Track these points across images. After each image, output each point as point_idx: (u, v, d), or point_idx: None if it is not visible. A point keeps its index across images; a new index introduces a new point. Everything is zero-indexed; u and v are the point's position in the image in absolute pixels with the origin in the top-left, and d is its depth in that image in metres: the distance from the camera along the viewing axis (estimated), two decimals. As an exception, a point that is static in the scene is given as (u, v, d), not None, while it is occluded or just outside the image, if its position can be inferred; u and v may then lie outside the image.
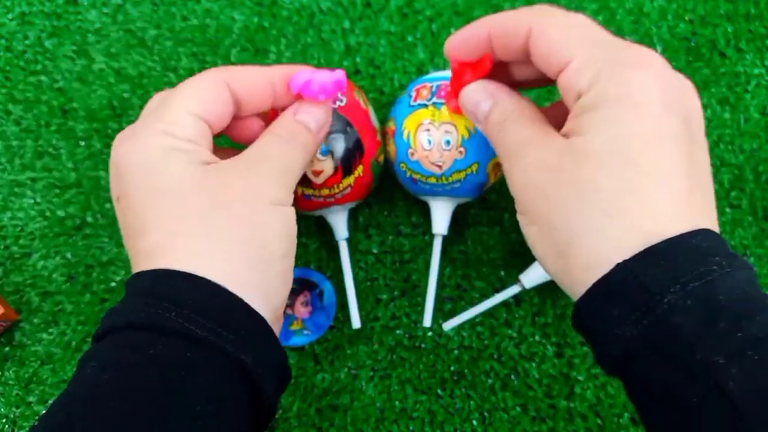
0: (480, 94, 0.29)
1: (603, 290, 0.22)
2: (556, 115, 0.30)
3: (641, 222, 0.22)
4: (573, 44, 0.24)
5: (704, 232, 0.22)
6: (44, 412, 0.23)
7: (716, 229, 0.23)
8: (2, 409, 0.39)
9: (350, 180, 0.35)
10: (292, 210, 0.28)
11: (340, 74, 0.30)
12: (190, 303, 0.24)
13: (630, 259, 0.22)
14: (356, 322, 0.38)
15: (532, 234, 0.26)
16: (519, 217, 0.27)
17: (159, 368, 0.23)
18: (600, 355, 0.24)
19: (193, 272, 0.25)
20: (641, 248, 0.22)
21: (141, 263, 0.26)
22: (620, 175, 0.22)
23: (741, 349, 0.20)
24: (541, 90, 0.43)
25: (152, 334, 0.23)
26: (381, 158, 0.37)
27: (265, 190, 0.27)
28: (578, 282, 0.24)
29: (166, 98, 0.28)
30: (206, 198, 0.26)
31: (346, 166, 0.34)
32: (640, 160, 0.22)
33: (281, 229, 0.27)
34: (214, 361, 0.24)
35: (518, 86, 0.31)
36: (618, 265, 0.22)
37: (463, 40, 0.28)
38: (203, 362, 0.23)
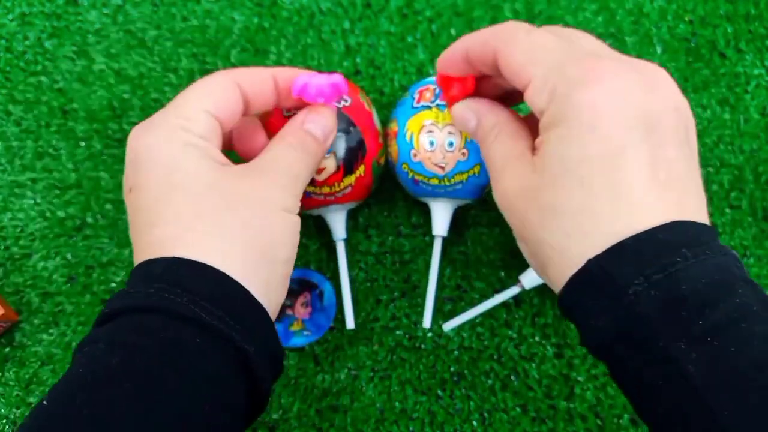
0: (466, 112, 0.30)
1: (577, 284, 0.24)
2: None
3: (602, 240, 0.23)
4: (531, 66, 0.25)
5: (674, 225, 0.23)
6: (48, 393, 0.23)
7: (698, 217, 0.23)
8: (2, 410, 0.39)
9: (351, 179, 0.35)
10: (298, 219, 0.29)
11: (337, 78, 0.31)
12: (201, 291, 0.25)
13: (601, 254, 0.23)
14: (350, 323, 0.38)
15: (521, 248, 0.28)
16: (513, 231, 0.28)
17: (169, 352, 0.23)
18: (584, 344, 0.25)
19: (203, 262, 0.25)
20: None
21: (150, 252, 0.26)
22: (575, 197, 0.23)
23: (702, 336, 0.21)
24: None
25: (163, 319, 0.24)
26: (382, 160, 0.37)
27: (276, 196, 0.28)
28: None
29: (182, 96, 0.29)
30: (220, 197, 0.27)
31: (347, 165, 0.34)
32: (594, 181, 0.23)
33: (287, 235, 0.29)
34: (219, 349, 0.24)
35: (511, 97, 0.32)
36: (589, 260, 0.23)
37: (448, 61, 0.30)
38: (211, 349, 0.24)
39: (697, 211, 0.24)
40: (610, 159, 0.23)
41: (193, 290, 0.25)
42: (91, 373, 0.23)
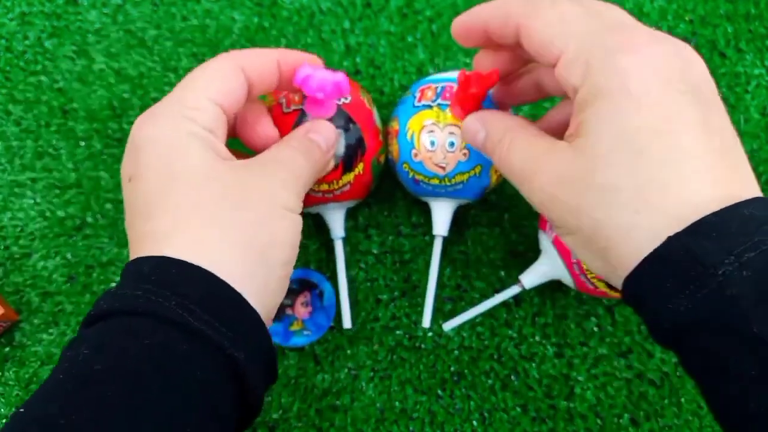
0: (474, 124, 0.30)
1: (654, 264, 0.22)
2: (559, 119, 0.30)
3: (673, 209, 0.22)
4: (560, 38, 0.24)
5: (756, 201, 0.21)
6: (29, 398, 0.22)
7: (758, 190, 0.22)
8: (2, 410, 0.39)
9: (350, 177, 0.35)
10: (300, 219, 0.29)
11: (340, 76, 0.31)
12: (190, 293, 0.24)
13: (681, 232, 0.21)
14: (347, 323, 0.38)
15: (570, 243, 0.26)
16: (555, 229, 0.27)
17: (154, 359, 0.22)
18: (653, 329, 0.23)
19: (196, 263, 0.24)
20: (682, 228, 0.21)
21: (143, 246, 0.25)
22: (635, 170, 0.22)
23: None
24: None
25: (150, 322, 0.23)
26: (382, 158, 0.37)
27: (278, 193, 0.28)
28: (624, 277, 0.23)
29: (187, 82, 0.28)
30: (219, 190, 0.26)
31: (347, 162, 0.34)
32: (652, 151, 0.22)
33: (288, 235, 0.28)
34: (208, 355, 0.23)
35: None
36: (669, 238, 0.21)
37: (465, 29, 0.28)
38: (199, 355, 0.23)
39: (753, 182, 0.23)
40: (666, 126, 0.22)
41: (182, 293, 0.24)
42: (72, 377, 0.22)
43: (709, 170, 0.22)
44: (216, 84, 0.28)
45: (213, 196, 0.26)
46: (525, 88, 0.32)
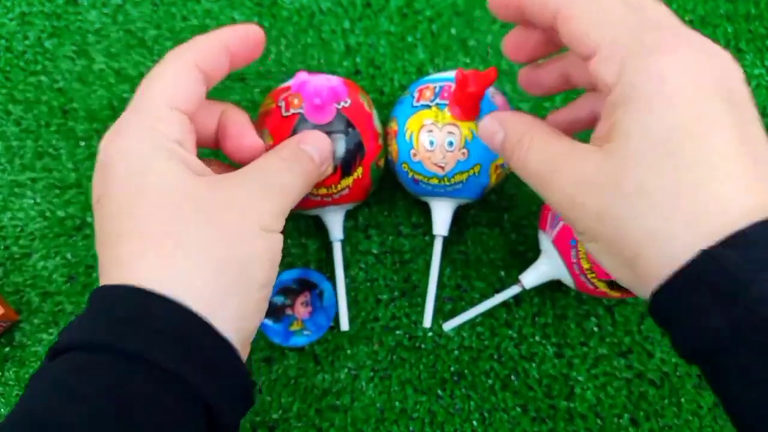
0: (492, 125, 0.29)
1: (685, 280, 0.21)
2: (578, 115, 0.29)
3: (705, 217, 0.21)
4: (597, 31, 0.23)
5: None
6: None
7: None
8: (2, 410, 0.39)
9: (348, 181, 0.35)
10: (280, 237, 0.27)
11: (336, 82, 0.31)
12: (156, 326, 0.22)
13: (716, 245, 0.20)
14: (345, 325, 0.38)
15: (593, 250, 0.25)
16: (577, 236, 0.26)
17: (116, 401, 0.21)
18: (681, 346, 0.22)
19: (163, 291, 0.23)
20: (715, 239, 0.20)
21: (110, 272, 0.24)
22: (665, 173, 0.21)
23: None
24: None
25: (112, 359, 0.22)
26: (381, 162, 0.37)
27: (257, 211, 0.26)
28: (652, 289, 0.23)
29: (145, 90, 0.27)
30: (191, 208, 0.25)
31: (345, 166, 0.34)
32: (684, 153, 0.21)
33: (265, 256, 0.26)
34: (174, 392, 0.22)
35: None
36: (704, 252, 0.20)
37: (501, 4, 0.27)
38: (163, 393, 0.22)
39: None
40: (698, 128, 0.21)
41: (148, 326, 0.22)
42: (30, 415, 0.21)
43: (741, 176, 0.21)
44: (174, 88, 0.27)
45: (183, 214, 0.24)
46: (551, 77, 0.31)
